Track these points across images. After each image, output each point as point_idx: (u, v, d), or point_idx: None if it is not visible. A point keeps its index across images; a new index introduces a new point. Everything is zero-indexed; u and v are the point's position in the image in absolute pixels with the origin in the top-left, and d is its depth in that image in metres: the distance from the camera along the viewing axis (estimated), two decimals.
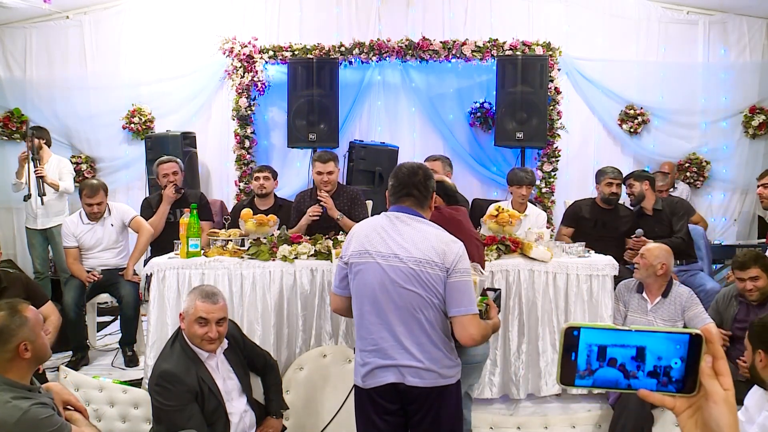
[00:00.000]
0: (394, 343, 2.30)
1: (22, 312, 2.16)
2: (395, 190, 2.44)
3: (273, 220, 3.96)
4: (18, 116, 6.33)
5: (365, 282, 2.34)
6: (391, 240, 2.33)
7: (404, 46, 5.99)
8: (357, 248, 2.38)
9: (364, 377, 2.37)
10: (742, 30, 6.06)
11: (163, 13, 6.25)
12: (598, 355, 0.81)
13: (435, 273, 2.27)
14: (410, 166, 2.48)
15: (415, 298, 2.28)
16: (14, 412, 1.99)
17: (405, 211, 2.40)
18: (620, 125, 6.18)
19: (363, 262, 2.35)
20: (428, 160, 4.62)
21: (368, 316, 2.34)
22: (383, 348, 2.31)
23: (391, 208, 2.45)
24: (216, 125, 6.37)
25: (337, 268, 2.51)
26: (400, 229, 2.34)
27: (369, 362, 2.34)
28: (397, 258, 2.29)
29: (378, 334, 2.32)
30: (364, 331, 2.37)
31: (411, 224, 2.36)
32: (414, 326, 2.29)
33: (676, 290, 3.62)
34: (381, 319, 2.32)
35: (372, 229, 2.40)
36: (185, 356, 2.68)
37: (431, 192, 2.45)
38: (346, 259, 2.42)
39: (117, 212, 4.68)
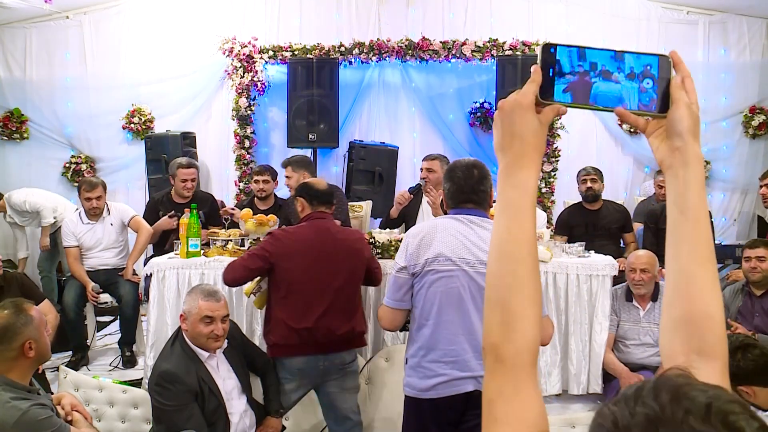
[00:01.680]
0: (474, 353, 2.24)
1: (27, 311, 2.16)
2: (455, 194, 2.38)
3: (273, 220, 3.96)
4: (18, 116, 6.33)
5: (449, 290, 2.24)
6: (472, 245, 2.27)
7: (404, 46, 5.99)
8: (434, 255, 2.26)
9: (434, 388, 2.26)
10: (742, 30, 6.06)
11: (163, 13, 6.26)
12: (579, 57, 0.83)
13: None
14: (465, 167, 2.43)
15: None
16: (14, 413, 1.99)
17: (475, 213, 2.35)
18: (620, 125, 6.18)
19: (445, 270, 2.25)
20: (426, 160, 4.62)
21: (449, 326, 2.25)
22: (464, 360, 2.24)
23: (457, 210, 2.37)
24: (216, 125, 6.37)
25: (394, 280, 2.35)
26: (480, 234, 2.29)
27: (444, 374, 2.24)
28: (482, 264, 2.22)
29: (459, 345, 2.24)
30: (441, 342, 2.25)
31: (486, 227, 2.31)
32: None
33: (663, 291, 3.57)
34: (464, 329, 2.25)
35: (448, 234, 2.29)
36: (185, 356, 2.68)
37: (491, 190, 2.40)
38: (418, 269, 2.28)
39: (116, 212, 4.68)
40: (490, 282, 0.83)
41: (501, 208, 0.84)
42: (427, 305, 2.28)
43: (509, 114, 0.85)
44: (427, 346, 2.28)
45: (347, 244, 3.05)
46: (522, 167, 0.84)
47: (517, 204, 0.83)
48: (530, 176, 0.84)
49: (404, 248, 2.35)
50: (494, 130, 0.88)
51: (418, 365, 2.30)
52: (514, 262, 0.81)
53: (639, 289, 3.56)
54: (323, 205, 3.08)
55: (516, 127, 0.84)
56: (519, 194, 0.83)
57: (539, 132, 0.84)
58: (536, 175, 0.85)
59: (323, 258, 2.97)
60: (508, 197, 0.84)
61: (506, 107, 0.85)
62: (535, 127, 0.84)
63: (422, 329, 2.30)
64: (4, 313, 2.12)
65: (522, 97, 0.84)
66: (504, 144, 0.86)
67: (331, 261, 2.97)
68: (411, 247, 2.32)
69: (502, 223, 0.83)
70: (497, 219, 0.84)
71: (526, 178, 0.83)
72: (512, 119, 0.85)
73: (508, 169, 0.85)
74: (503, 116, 0.86)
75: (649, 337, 3.51)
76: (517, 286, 0.80)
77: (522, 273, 0.80)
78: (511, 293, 0.80)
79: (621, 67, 0.85)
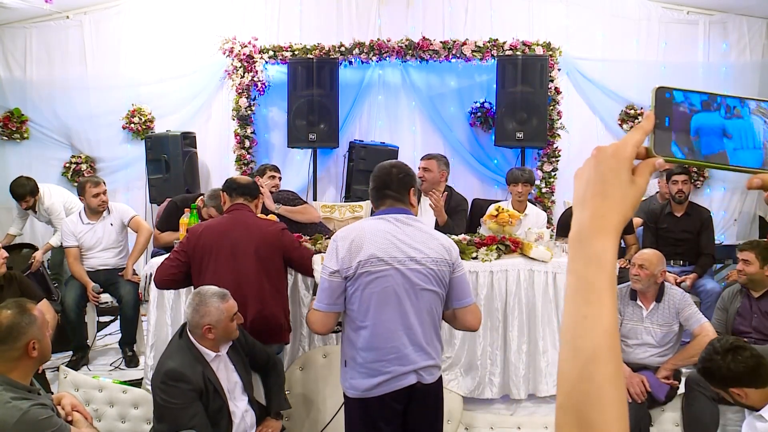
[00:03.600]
0: (413, 346, 2.31)
1: (30, 311, 2.17)
2: (375, 192, 2.44)
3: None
4: (18, 116, 6.33)
5: (385, 290, 2.29)
6: (402, 244, 2.32)
7: (404, 46, 5.99)
8: (366, 257, 2.29)
9: (379, 386, 2.30)
10: (742, 30, 6.05)
11: (163, 13, 6.25)
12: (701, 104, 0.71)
13: (446, 270, 2.36)
14: (382, 166, 2.49)
15: (433, 296, 2.35)
16: (14, 413, 1.99)
17: (400, 211, 2.40)
18: (620, 125, 6.17)
19: (378, 270, 2.29)
20: (424, 159, 4.62)
21: (388, 324, 2.29)
22: (404, 354, 2.30)
23: (384, 210, 2.42)
24: (216, 125, 6.37)
25: (326, 284, 2.34)
26: (408, 232, 2.34)
27: (388, 371, 2.29)
28: (413, 261, 2.30)
29: (399, 341, 2.30)
30: (381, 341, 2.30)
31: (414, 224, 2.38)
32: (428, 325, 2.34)
33: (669, 293, 3.55)
34: (402, 325, 2.30)
35: (378, 235, 2.32)
36: (191, 355, 2.68)
37: (408, 188, 2.43)
38: (351, 272, 2.30)
39: (116, 212, 4.69)
40: (563, 387, 0.67)
41: (573, 289, 0.69)
42: (363, 306, 2.31)
43: (601, 163, 0.71)
44: (367, 347, 2.31)
45: (261, 233, 3.13)
46: (599, 233, 0.69)
47: (593, 283, 0.67)
48: (608, 247, 0.68)
49: (334, 252, 2.34)
50: (578, 180, 0.73)
51: (361, 365, 2.33)
52: (592, 361, 0.65)
53: (636, 284, 3.57)
54: (241, 196, 3.23)
55: (604, 181, 0.70)
56: (594, 271, 0.67)
57: (629, 194, 0.70)
58: (615, 246, 0.69)
59: (237, 248, 3.06)
60: (581, 274, 0.68)
61: (600, 155, 0.71)
62: (625, 186, 0.70)
63: (360, 330, 2.32)
64: (8, 312, 2.13)
65: (622, 147, 0.70)
66: (585, 198, 0.71)
67: (245, 250, 3.06)
68: (341, 251, 2.32)
69: (574, 309, 0.68)
70: (568, 304, 0.69)
71: (603, 249, 0.68)
72: (603, 170, 0.70)
73: (582, 232, 0.70)
74: (594, 164, 0.71)
75: (651, 337, 3.51)
76: (597, 395, 0.64)
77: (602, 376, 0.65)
78: (590, 404, 0.64)
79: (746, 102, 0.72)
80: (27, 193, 4.95)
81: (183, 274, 3.10)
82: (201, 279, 3.04)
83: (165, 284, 3.21)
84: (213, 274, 3.01)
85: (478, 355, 3.68)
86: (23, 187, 4.96)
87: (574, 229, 0.71)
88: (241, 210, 3.20)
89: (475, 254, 3.68)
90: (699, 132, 0.70)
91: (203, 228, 3.16)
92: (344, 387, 2.42)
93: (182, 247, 3.11)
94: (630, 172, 0.70)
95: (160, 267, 3.15)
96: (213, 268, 3.03)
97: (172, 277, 3.11)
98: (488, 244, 3.72)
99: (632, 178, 0.70)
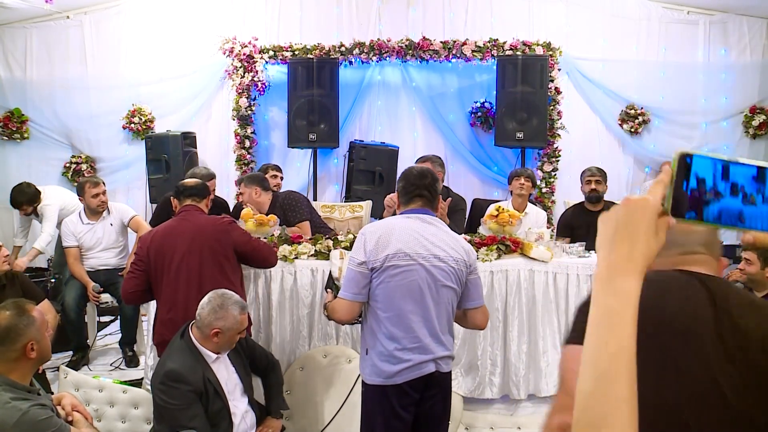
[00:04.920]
0: (433, 338, 2.45)
1: (29, 311, 2.17)
2: (407, 191, 2.58)
3: (273, 220, 3.95)
4: (18, 116, 6.33)
5: (409, 283, 2.43)
6: (426, 242, 2.46)
7: (404, 46, 5.99)
8: (393, 251, 2.42)
9: (399, 373, 2.42)
10: (743, 30, 6.05)
11: (163, 13, 6.26)
12: (722, 174, 0.76)
13: (464, 269, 2.52)
14: (421, 169, 2.65)
15: (451, 293, 2.50)
16: (14, 413, 1.99)
17: (427, 212, 2.55)
18: (621, 125, 6.18)
19: (404, 264, 2.43)
20: (419, 161, 4.62)
21: (410, 315, 2.43)
22: (425, 344, 2.44)
23: (413, 209, 2.55)
24: (216, 125, 6.37)
25: (353, 274, 2.48)
26: (433, 231, 2.50)
27: (409, 359, 2.42)
28: (437, 258, 2.45)
29: (420, 331, 2.43)
30: (404, 330, 2.43)
31: (438, 226, 2.55)
32: (445, 319, 2.50)
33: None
34: (423, 317, 2.44)
35: (406, 232, 2.47)
36: (192, 356, 2.68)
37: (437, 195, 2.62)
38: (378, 264, 2.43)
39: (116, 212, 4.69)
40: (582, 403, 0.74)
41: (599, 317, 0.76)
42: (388, 297, 2.44)
43: (631, 213, 0.78)
44: (390, 336, 2.44)
45: (209, 229, 3.20)
46: (627, 274, 0.76)
47: (618, 314, 0.74)
48: (634, 286, 0.76)
49: (362, 245, 2.48)
50: (604, 224, 0.81)
51: (381, 354, 2.45)
52: (611, 382, 0.72)
53: None
54: (189, 198, 3.32)
55: (634, 228, 0.77)
56: (620, 303, 0.75)
57: (653, 243, 0.77)
58: (640, 285, 0.76)
59: (187, 247, 3.12)
60: (608, 305, 0.75)
61: (630, 206, 0.78)
62: (651, 236, 0.77)
63: (384, 320, 2.45)
64: (6, 314, 2.13)
65: (651, 202, 0.77)
66: (614, 241, 0.78)
67: (195, 248, 3.13)
68: (369, 244, 2.46)
69: (599, 334, 0.75)
70: (592, 330, 0.76)
71: (630, 287, 0.75)
72: (633, 218, 0.77)
73: (610, 271, 0.77)
74: (624, 213, 0.78)
75: None
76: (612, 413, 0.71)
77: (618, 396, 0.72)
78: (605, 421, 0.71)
79: (761, 190, 0.76)
80: (25, 201, 4.89)
81: (146, 283, 3.17)
82: (160, 283, 3.11)
83: (132, 297, 3.28)
84: (171, 277, 3.07)
85: (478, 355, 3.68)
86: (23, 194, 4.89)
87: (601, 267, 0.78)
88: (189, 211, 3.28)
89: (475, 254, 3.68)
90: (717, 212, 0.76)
91: (153, 234, 3.24)
92: (364, 374, 2.53)
93: (138, 258, 3.20)
94: (655, 225, 0.77)
95: (124, 281, 3.25)
96: (170, 271, 3.10)
97: (136, 288, 3.18)
98: (488, 244, 3.72)
99: (656, 230, 0.77)
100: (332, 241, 3.80)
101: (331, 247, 3.73)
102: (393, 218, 2.60)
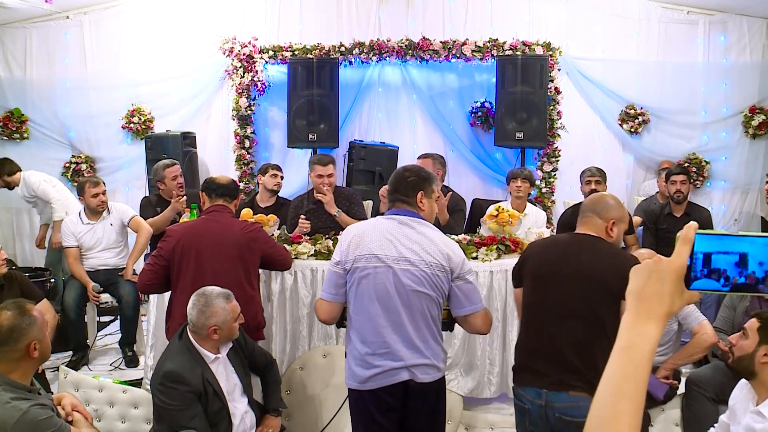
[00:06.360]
0: (405, 344, 2.37)
1: (30, 311, 2.17)
2: (388, 193, 2.54)
3: (273, 219, 3.96)
4: (18, 116, 6.33)
5: (376, 286, 2.36)
6: (399, 244, 2.38)
7: (404, 46, 5.99)
8: (363, 252, 2.38)
9: (370, 379, 2.38)
10: (742, 30, 6.05)
11: (163, 13, 6.25)
12: (703, 263, 0.90)
13: (443, 275, 2.38)
14: (397, 169, 2.59)
15: (425, 298, 2.38)
16: (14, 413, 1.99)
17: (405, 213, 2.45)
18: (621, 125, 6.18)
19: (372, 266, 2.37)
20: (420, 158, 4.62)
21: (378, 320, 2.36)
22: (395, 350, 2.36)
23: (392, 211, 2.49)
24: (216, 125, 6.37)
25: (330, 274, 2.47)
26: (407, 233, 2.40)
27: (379, 365, 2.36)
28: (407, 262, 2.36)
29: (389, 336, 2.36)
30: (372, 335, 2.37)
31: (416, 228, 2.43)
32: (422, 325, 2.38)
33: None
34: (392, 322, 2.36)
35: (377, 233, 2.41)
36: (190, 357, 2.68)
37: (416, 190, 2.48)
38: (349, 265, 2.40)
39: (116, 212, 4.68)
40: (594, 410, 0.88)
41: (621, 347, 0.91)
42: (358, 300, 2.40)
43: (664, 271, 0.91)
44: (362, 339, 2.40)
45: (237, 234, 3.16)
46: (651, 321, 0.91)
47: (639, 350, 0.90)
48: (656, 332, 0.90)
49: (340, 244, 2.48)
50: (637, 276, 0.93)
51: (355, 358, 2.42)
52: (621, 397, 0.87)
53: None
54: (221, 198, 3.27)
55: (665, 288, 0.91)
56: (642, 342, 0.90)
57: (677, 300, 0.91)
58: (661, 332, 0.91)
59: (216, 249, 3.09)
60: (632, 341, 0.90)
61: (663, 265, 0.91)
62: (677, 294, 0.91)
63: (356, 323, 2.42)
64: (8, 314, 2.13)
65: (679, 263, 0.91)
66: (644, 294, 0.92)
67: (225, 252, 3.09)
68: (344, 244, 2.45)
69: (619, 361, 0.90)
70: (616, 356, 0.90)
71: (653, 332, 0.90)
72: (666, 278, 0.91)
73: (639, 316, 0.91)
74: (658, 270, 0.92)
75: None
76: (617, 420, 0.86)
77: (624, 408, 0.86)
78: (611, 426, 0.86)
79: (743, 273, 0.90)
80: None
81: (164, 277, 3.15)
82: (180, 281, 3.08)
83: (148, 289, 3.29)
84: (193, 276, 3.04)
85: (478, 355, 3.68)
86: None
87: (630, 312, 0.92)
88: (220, 212, 3.24)
89: (475, 254, 3.68)
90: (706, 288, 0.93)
91: (181, 230, 3.20)
92: (345, 378, 2.51)
93: (161, 252, 3.15)
94: (681, 286, 0.91)
95: (141, 272, 3.22)
96: (193, 270, 3.07)
97: (154, 281, 3.16)
98: (488, 244, 3.72)
99: (682, 288, 0.92)
100: (332, 241, 3.81)
101: (330, 247, 3.74)
102: (373, 219, 2.56)
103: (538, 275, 2.54)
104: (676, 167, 5.17)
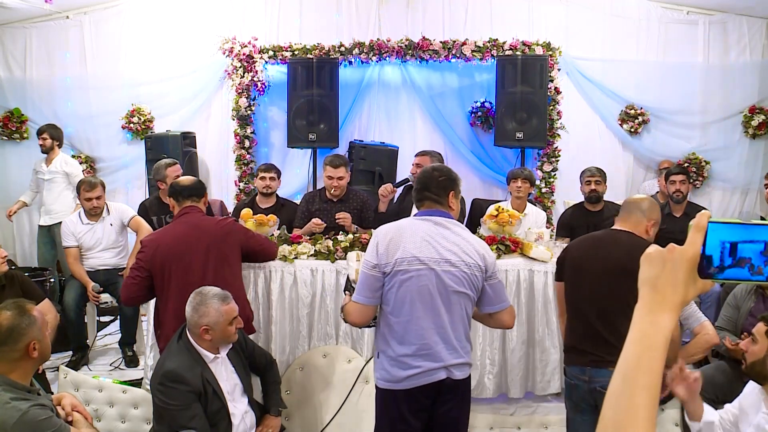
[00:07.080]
0: (444, 344, 2.40)
1: (29, 311, 2.17)
2: (416, 193, 2.54)
3: (273, 220, 3.95)
4: (18, 116, 6.33)
5: (419, 288, 2.37)
6: (438, 245, 2.40)
7: (404, 46, 5.99)
8: (404, 255, 2.37)
9: (408, 379, 2.39)
10: (742, 30, 6.05)
11: (163, 13, 6.25)
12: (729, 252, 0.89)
13: (480, 274, 2.44)
14: (425, 168, 2.58)
15: (465, 298, 2.43)
16: (13, 413, 1.99)
17: (439, 214, 2.46)
18: (620, 125, 6.18)
19: (415, 269, 2.37)
20: (418, 155, 4.62)
21: (420, 321, 2.38)
22: (435, 351, 2.38)
23: (423, 211, 2.49)
24: (216, 125, 6.37)
25: (366, 278, 2.43)
26: (444, 234, 2.43)
27: (418, 365, 2.38)
28: (448, 263, 2.39)
29: (431, 338, 2.38)
30: (414, 337, 2.39)
31: (451, 228, 2.46)
32: (459, 325, 2.43)
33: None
34: (434, 323, 2.39)
35: (415, 235, 2.40)
36: (190, 357, 2.68)
37: (448, 191, 2.50)
38: (389, 268, 2.38)
39: (116, 212, 4.68)
40: (609, 401, 0.88)
41: (636, 338, 0.90)
42: (398, 302, 2.40)
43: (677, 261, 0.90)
44: (400, 341, 2.40)
45: (213, 231, 3.19)
46: (665, 311, 0.90)
47: (653, 339, 0.89)
48: (670, 321, 0.90)
49: (374, 247, 2.43)
50: (649, 265, 0.93)
51: (392, 359, 2.42)
52: (636, 387, 0.86)
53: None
54: (188, 199, 3.29)
55: (679, 277, 0.90)
56: (656, 332, 0.89)
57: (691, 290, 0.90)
58: (675, 322, 0.90)
59: (194, 250, 3.11)
60: (646, 331, 0.90)
61: (677, 254, 0.90)
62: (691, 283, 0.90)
63: (395, 325, 2.42)
64: (8, 314, 2.13)
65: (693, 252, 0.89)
66: (658, 284, 0.91)
67: (202, 251, 3.11)
68: (381, 247, 2.41)
69: (634, 351, 0.89)
70: (630, 346, 0.90)
71: (666, 322, 0.89)
72: (678, 267, 0.90)
73: (652, 306, 0.91)
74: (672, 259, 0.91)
75: None
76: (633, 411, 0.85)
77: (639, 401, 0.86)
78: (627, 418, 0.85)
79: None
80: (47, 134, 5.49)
81: (147, 288, 3.16)
82: (166, 288, 3.09)
83: (133, 302, 3.34)
84: (180, 281, 3.05)
85: (477, 354, 3.68)
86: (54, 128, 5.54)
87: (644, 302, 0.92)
88: (191, 213, 3.25)
89: None
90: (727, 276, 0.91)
91: (157, 238, 3.20)
92: (375, 378, 2.51)
93: (140, 263, 3.15)
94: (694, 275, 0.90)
95: (124, 286, 3.23)
96: (178, 276, 3.08)
97: (138, 293, 3.18)
98: (488, 244, 3.72)
99: (696, 276, 0.90)
100: (332, 241, 3.81)
101: (330, 247, 3.74)
102: (405, 220, 2.55)
103: (579, 268, 2.82)
104: (675, 167, 5.17)
